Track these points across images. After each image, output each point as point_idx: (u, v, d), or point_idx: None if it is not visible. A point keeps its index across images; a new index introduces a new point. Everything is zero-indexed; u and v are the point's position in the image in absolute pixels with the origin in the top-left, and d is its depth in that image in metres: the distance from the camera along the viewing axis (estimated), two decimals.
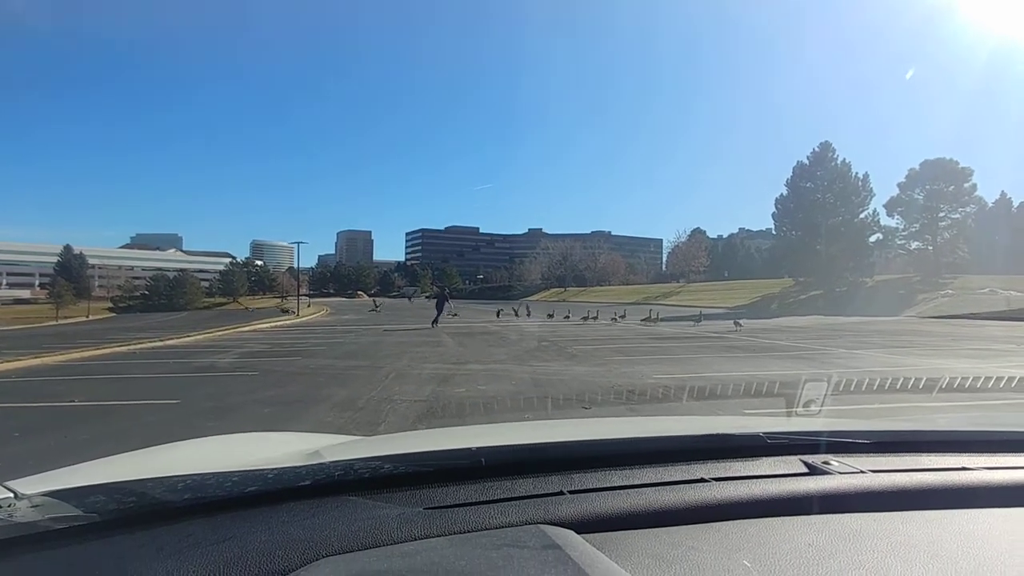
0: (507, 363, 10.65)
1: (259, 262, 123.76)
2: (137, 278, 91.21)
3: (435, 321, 21.47)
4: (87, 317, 49.17)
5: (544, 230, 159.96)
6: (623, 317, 25.03)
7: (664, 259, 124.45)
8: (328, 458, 1.03)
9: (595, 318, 24.98)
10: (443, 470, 1.02)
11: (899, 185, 51.07)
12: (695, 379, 8.55)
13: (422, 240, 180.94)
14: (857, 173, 50.47)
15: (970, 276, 45.30)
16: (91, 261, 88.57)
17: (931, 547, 0.80)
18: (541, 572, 0.66)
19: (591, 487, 0.95)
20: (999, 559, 0.78)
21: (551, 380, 8.52)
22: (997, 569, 0.75)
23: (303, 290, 60.49)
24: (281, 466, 0.98)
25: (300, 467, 0.97)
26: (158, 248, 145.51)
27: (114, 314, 58.44)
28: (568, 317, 26.82)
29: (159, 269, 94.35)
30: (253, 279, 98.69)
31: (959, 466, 1.08)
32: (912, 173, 50.52)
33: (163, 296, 69.90)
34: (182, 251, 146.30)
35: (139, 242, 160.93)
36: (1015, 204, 63.10)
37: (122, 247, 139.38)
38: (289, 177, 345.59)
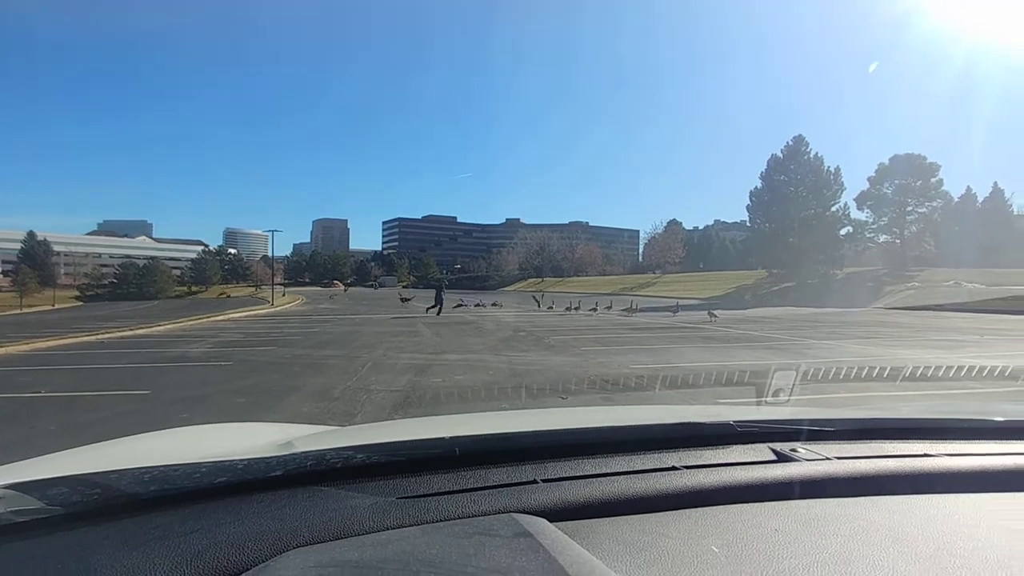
0: (484, 353, 10.66)
1: (232, 250, 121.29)
2: (105, 266, 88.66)
3: (439, 311, 22.67)
4: (53, 306, 47.83)
5: (522, 220, 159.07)
6: (609, 308, 25.23)
7: (641, 250, 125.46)
8: (300, 448, 1.02)
9: (577, 308, 25.15)
10: (417, 460, 1.01)
11: (869, 179, 52.37)
12: (670, 369, 8.66)
13: (399, 229, 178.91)
14: (829, 167, 51.42)
15: (936, 269, 46.58)
16: (56, 248, 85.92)
17: (892, 531, 0.83)
18: (512, 560, 0.66)
19: (564, 476, 0.96)
20: (958, 543, 0.80)
21: (528, 370, 8.55)
22: (956, 552, 0.77)
23: (278, 279, 59.64)
24: (252, 457, 0.96)
25: (271, 458, 0.96)
26: (126, 235, 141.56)
27: (81, 303, 56.99)
28: (552, 307, 26.94)
29: (128, 257, 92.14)
30: (226, 268, 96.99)
31: (921, 453, 1.11)
32: (882, 168, 51.72)
33: (133, 284, 68.37)
34: (152, 239, 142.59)
35: (107, 229, 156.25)
36: (980, 199, 64.83)
37: (89, 234, 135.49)
38: (263, 165, 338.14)
